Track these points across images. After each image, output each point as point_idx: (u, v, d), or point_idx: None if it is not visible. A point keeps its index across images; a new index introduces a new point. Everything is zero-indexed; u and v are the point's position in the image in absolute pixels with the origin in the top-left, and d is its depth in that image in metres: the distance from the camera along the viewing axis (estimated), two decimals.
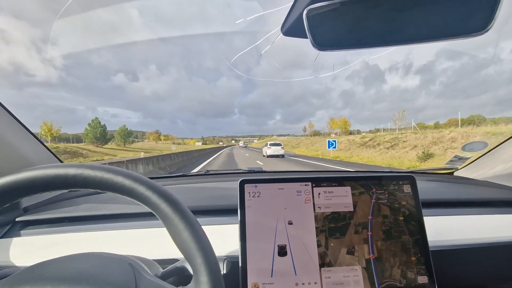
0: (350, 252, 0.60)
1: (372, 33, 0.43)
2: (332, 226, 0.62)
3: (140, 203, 0.38)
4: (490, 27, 0.38)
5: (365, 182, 0.65)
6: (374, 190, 0.64)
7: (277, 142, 20.27)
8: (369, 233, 0.62)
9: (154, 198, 0.37)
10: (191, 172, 1.29)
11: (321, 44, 0.44)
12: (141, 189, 0.37)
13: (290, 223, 0.60)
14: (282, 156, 18.65)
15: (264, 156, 19.05)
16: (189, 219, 0.37)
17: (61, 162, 1.00)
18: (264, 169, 1.30)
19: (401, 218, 0.63)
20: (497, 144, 1.03)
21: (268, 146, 18.96)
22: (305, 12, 0.42)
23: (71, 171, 0.36)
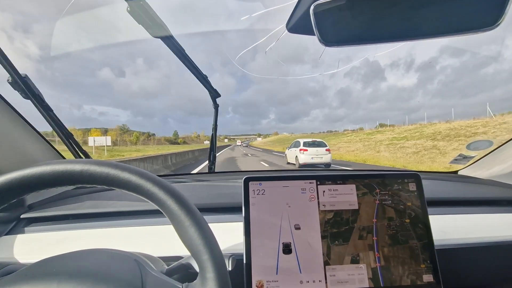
0: (355, 260, 0.58)
1: (380, 28, 0.43)
2: (334, 232, 0.59)
3: (146, 200, 0.38)
4: (501, 22, 0.37)
5: (369, 181, 0.63)
6: (377, 190, 0.63)
7: (318, 140, 11.47)
8: (374, 238, 0.59)
9: (160, 194, 0.37)
10: (195, 171, 1.29)
11: (329, 40, 0.44)
12: (147, 185, 0.37)
13: (294, 221, 0.60)
14: (328, 165, 10.83)
15: (290, 164, 11.98)
16: (195, 216, 0.37)
17: (65, 159, 1.01)
18: None
19: (407, 220, 0.61)
20: (502, 143, 1.03)
21: (302, 147, 10.75)
22: (312, 8, 0.41)
23: (78, 167, 0.36)
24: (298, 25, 0.51)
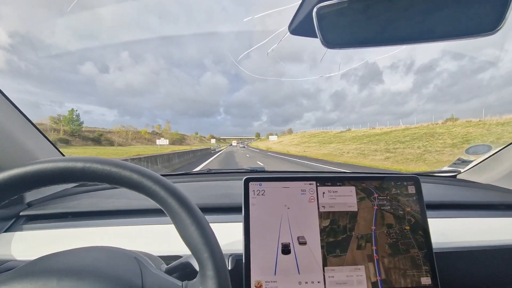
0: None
1: (382, 31, 0.44)
2: (331, 241, 0.58)
3: (147, 197, 0.38)
4: (501, 27, 0.38)
5: (367, 185, 0.63)
6: (376, 195, 0.62)
7: None
8: (374, 247, 0.57)
9: (161, 192, 0.37)
10: (194, 170, 1.30)
11: (331, 42, 0.45)
12: (148, 183, 0.37)
13: (294, 221, 0.60)
14: None
15: None
16: (196, 215, 0.37)
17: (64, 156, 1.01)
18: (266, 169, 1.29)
19: (407, 227, 0.59)
20: (500, 148, 1.03)
21: None
22: (314, 10, 0.42)
23: (79, 164, 0.36)
24: (300, 27, 0.51)
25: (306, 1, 0.47)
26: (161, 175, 0.39)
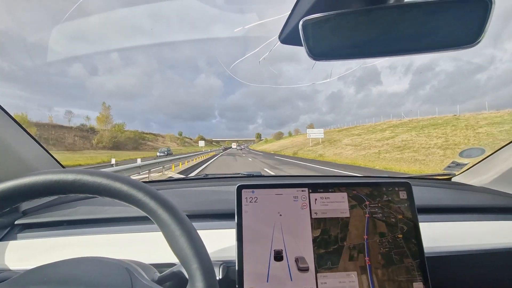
0: None
1: (366, 44, 0.45)
2: (321, 252, 0.57)
3: (137, 209, 0.38)
4: (480, 40, 0.39)
5: (358, 192, 0.62)
6: (367, 202, 0.61)
7: None
8: (367, 258, 0.56)
9: (151, 204, 0.37)
10: (190, 176, 1.30)
11: (317, 54, 0.46)
12: (138, 195, 0.37)
13: (286, 228, 0.60)
14: None
15: None
16: (185, 225, 0.38)
17: (62, 166, 1.01)
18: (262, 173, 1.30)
19: (400, 235, 0.59)
20: (495, 150, 1.04)
21: None
22: (300, 23, 0.43)
23: (70, 177, 0.36)
24: (289, 37, 0.53)
25: (295, 12, 0.48)
26: (154, 181, 0.40)
